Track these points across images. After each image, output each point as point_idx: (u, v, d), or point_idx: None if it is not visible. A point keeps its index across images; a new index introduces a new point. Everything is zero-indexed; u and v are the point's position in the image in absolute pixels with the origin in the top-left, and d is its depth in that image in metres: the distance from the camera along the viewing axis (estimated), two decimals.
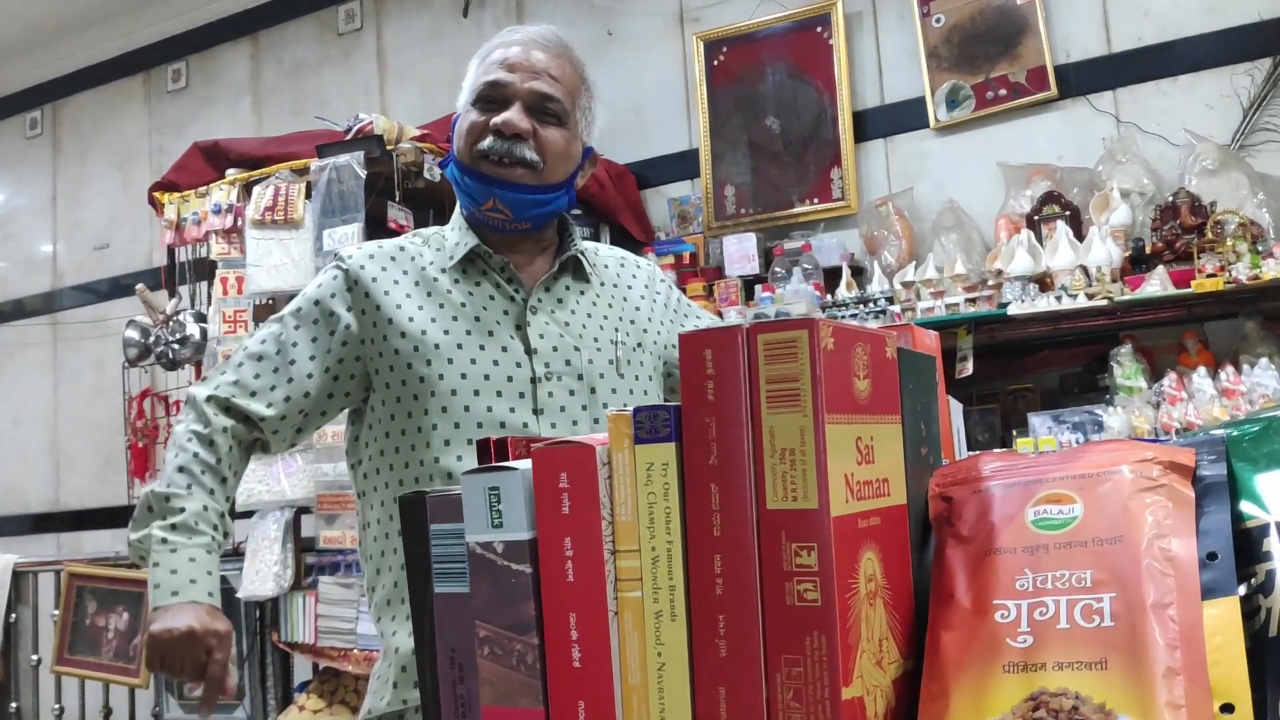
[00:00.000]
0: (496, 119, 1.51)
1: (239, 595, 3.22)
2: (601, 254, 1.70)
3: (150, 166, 5.21)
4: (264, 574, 3.18)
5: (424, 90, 4.55)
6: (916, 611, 0.75)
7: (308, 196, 3.19)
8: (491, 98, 1.53)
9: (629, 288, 1.68)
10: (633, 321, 1.63)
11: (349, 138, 3.18)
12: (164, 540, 1.44)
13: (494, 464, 0.73)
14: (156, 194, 3.68)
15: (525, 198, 1.53)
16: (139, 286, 3.95)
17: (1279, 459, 0.71)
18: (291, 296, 3.20)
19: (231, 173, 3.47)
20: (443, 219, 3.25)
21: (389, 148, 3.11)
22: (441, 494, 0.74)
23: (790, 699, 0.64)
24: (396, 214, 3.07)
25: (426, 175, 3.13)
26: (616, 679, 0.68)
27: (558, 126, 1.55)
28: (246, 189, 3.37)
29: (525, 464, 0.70)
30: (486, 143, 1.51)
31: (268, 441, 1.54)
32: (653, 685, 0.67)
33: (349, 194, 3.04)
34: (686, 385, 0.68)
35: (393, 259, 1.57)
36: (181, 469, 1.48)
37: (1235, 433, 0.75)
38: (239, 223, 3.33)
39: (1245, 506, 0.70)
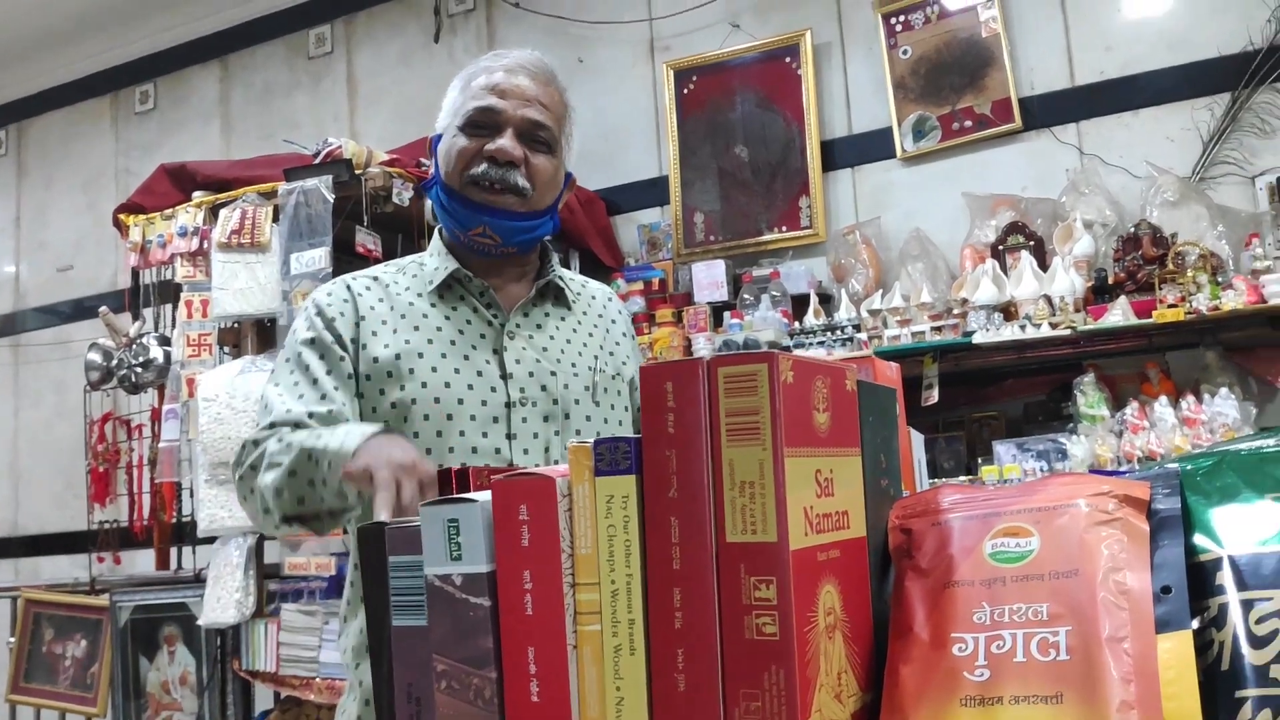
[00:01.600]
0: (490, 146, 1.50)
1: (199, 623, 3.18)
2: (590, 286, 1.71)
3: (116, 188, 5.17)
4: (225, 601, 3.13)
5: (394, 115, 4.55)
6: (876, 644, 0.75)
7: (275, 220, 3.17)
8: (482, 123, 1.52)
9: (613, 321, 1.69)
10: (612, 353, 1.64)
11: (317, 161, 3.17)
12: (318, 435, 1.33)
13: (453, 496, 0.72)
14: (122, 216, 3.65)
15: (515, 224, 1.54)
16: (102, 309, 3.91)
17: (1232, 493, 0.72)
18: (258, 320, 3.22)
19: (198, 195, 3.44)
20: (411, 244, 3.25)
21: (358, 172, 3.10)
22: (400, 526, 0.74)
23: None
24: (365, 238, 3.05)
25: (395, 200, 3.12)
26: (575, 713, 0.68)
27: (547, 154, 1.55)
28: (213, 212, 3.34)
29: (485, 496, 0.70)
30: (481, 169, 1.51)
31: None
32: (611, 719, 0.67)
33: (316, 218, 3.02)
34: (647, 418, 0.68)
35: (367, 288, 1.56)
36: (288, 446, 1.37)
37: (1189, 467, 0.76)
38: (205, 246, 3.30)
39: (1199, 540, 0.71)
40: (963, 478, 3.20)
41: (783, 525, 0.64)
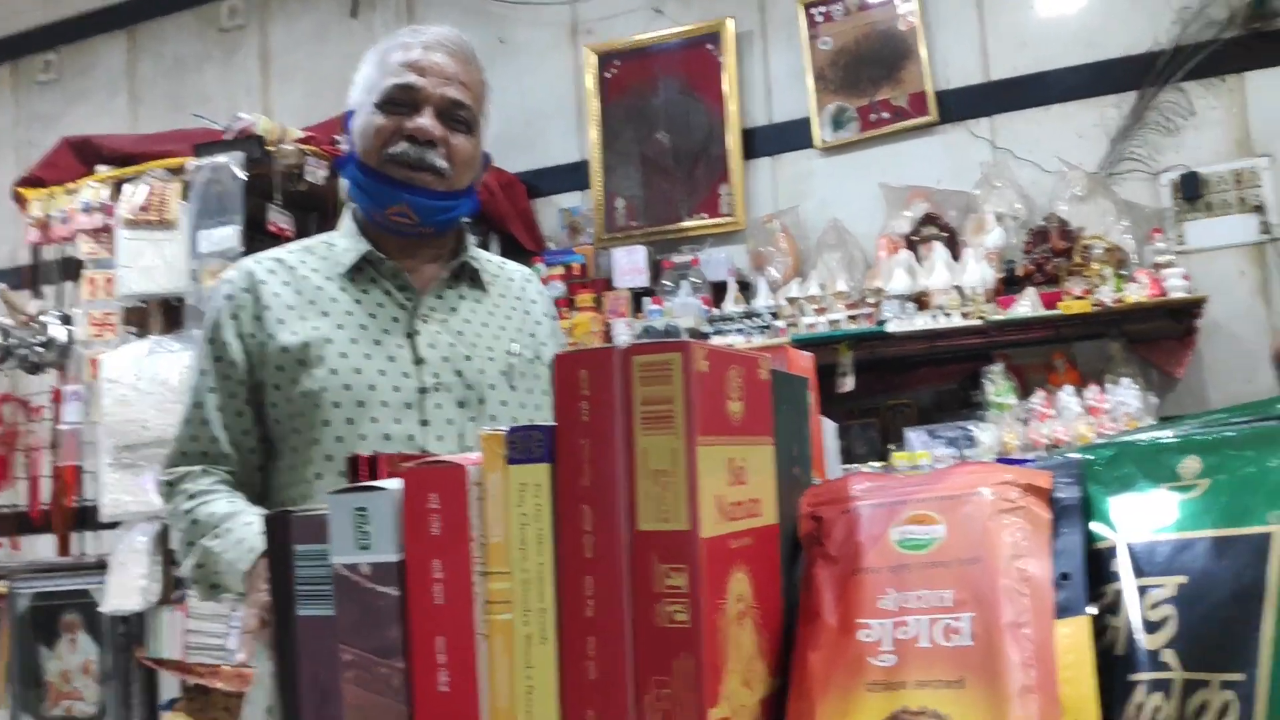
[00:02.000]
0: (409, 124, 1.47)
1: (102, 610, 3.09)
2: (508, 268, 1.69)
3: (16, 160, 4.97)
4: (129, 588, 3.05)
5: (309, 91, 4.45)
6: (786, 630, 0.76)
7: (183, 197, 3.08)
8: (401, 101, 1.49)
9: (533, 302, 1.67)
10: (532, 335, 1.62)
11: (228, 138, 3.09)
12: (215, 535, 1.40)
13: (362, 484, 0.71)
14: (21, 190, 3.51)
15: (434, 203, 1.51)
16: (0, 286, 3.77)
17: (1130, 483, 0.74)
18: (165, 300, 3.13)
19: (103, 170, 3.33)
20: (325, 223, 3.19)
21: (270, 149, 3.03)
22: (307, 513, 0.72)
23: None
24: (277, 217, 2.98)
25: (309, 178, 3.06)
26: (484, 703, 0.67)
27: (466, 134, 1.53)
28: (118, 187, 3.23)
29: (394, 484, 0.69)
30: (400, 148, 1.48)
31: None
32: (521, 709, 0.67)
33: (227, 195, 2.94)
34: (561, 406, 0.67)
35: (271, 272, 1.52)
36: (194, 522, 1.44)
37: (1090, 457, 0.78)
38: (109, 222, 3.19)
39: (1097, 528, 0.73)
40: (875, 463, 3.26)
41: (694, 514, 0.64)
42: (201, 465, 1.49)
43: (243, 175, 2.98)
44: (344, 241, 1.55)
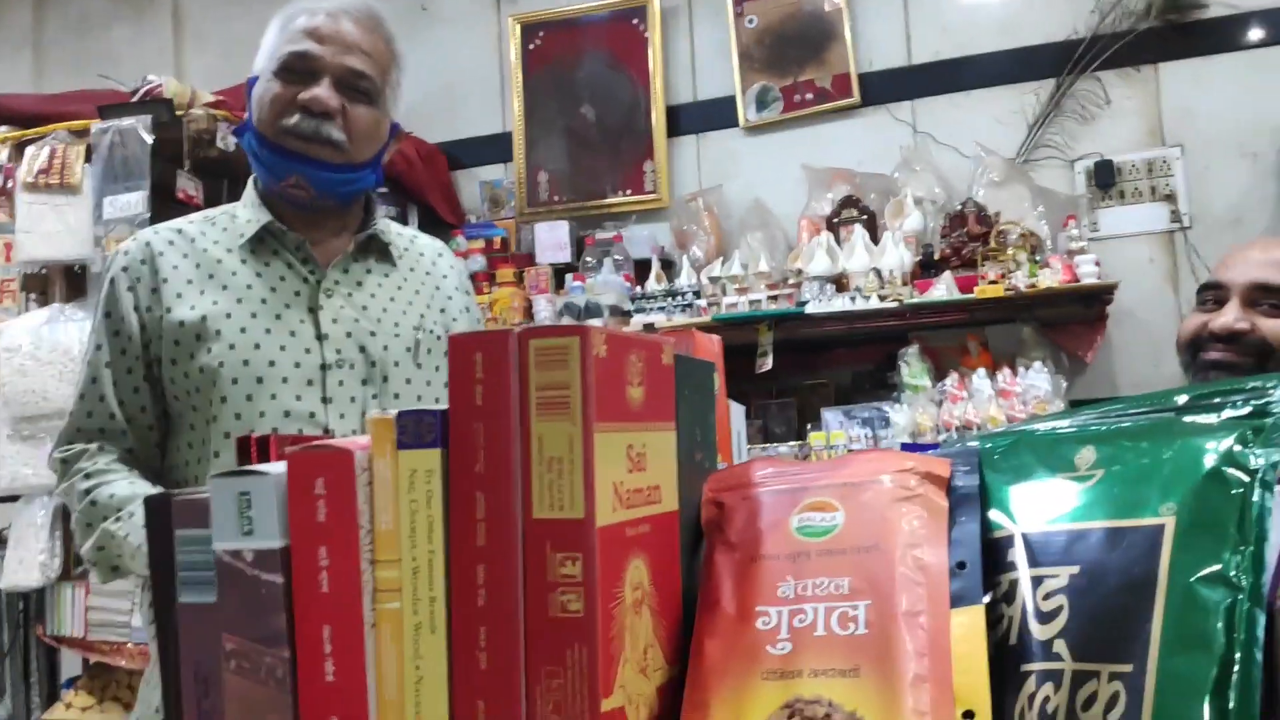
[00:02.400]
0: (304, 95, 1.43)
1: (0, 586, 2.99)
2: (419, 241, 1.65)
3: None
4: (28, 563, 2.95)
5: (223, 54, 4.31)
6: (685, 618, 0.75)
7: (88, 160, 2.97)
8: (297, 69, 1.44)
9: (444, 276, 1.63)
10: (442, 310, 1.59)
11: (136, 100, 2.98)
12: (117, 518, 1.37)
13: (246, 467, 0.68)
14: None
15: (331, 176, 1.46)
16: None
17: (1027, 472, 0.74)
18: (67, 267, 3.01)
19: (2, 130, 3.20)
20: (237, 191, 3.09)
21: (180, 113, 2.93)
22: (188, 497, 0.69)
23: (550, 711, 0.63)
24: (186, 184, 2.89)
25: (220, 144, 2.97)
26: (372, 693, 0.65)
27: (368, 105, 1.48)
28: (19, 149, 3.10)
29: (279, 468, 0.66)
30: (293, 120, 1.43)
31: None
32: (409, 699, 0.65)
33: (133, 160, 2.84)
34: (454, 389, 0.65)
35: (170, 243, 1.47)
36: (93, 503, 1.39)
37: (988, 445, 0.78)
38: (9, 185, 3.07)
39: (994, 516, 0.73)
40: (793, 443, 3.28)
41: (590, 502, 0.63)
42: (98, 442, 1.44)
43: (150, 139, 2.88)
44: (246, 212, 1.50)
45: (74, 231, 2.97)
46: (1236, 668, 0.58)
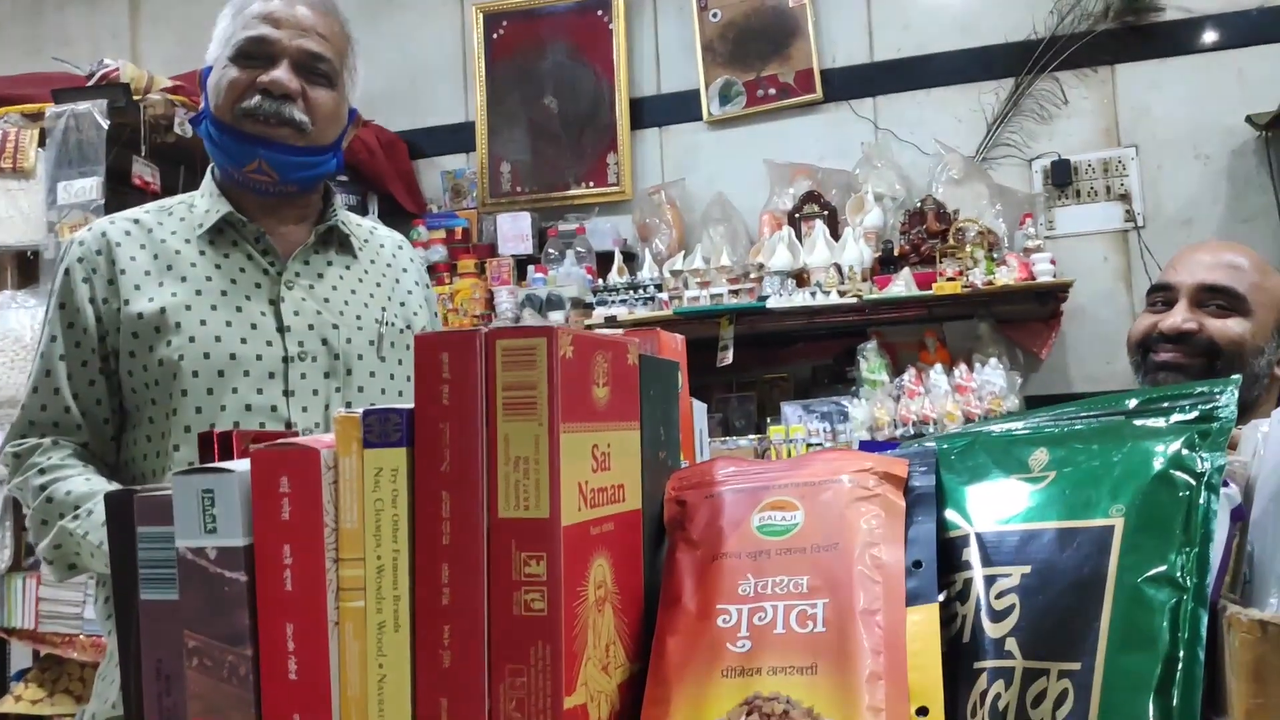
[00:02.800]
0: (264, 77, 1.42)
1: None
2: (379, 233, 1.64)
3: None
4: None
5: (181, 38, 4.26)
6: (647, 615, 0.76)
7: (41, 145, 2.93)
8: (255, 54, 1.43)
9: (404, 270, 1.62)
10: (403, 304, 1.58)
11: (91, 84, 2.94)
12: (75, 516, 1.34)
13: (209, 464, 0.68)
14: None
15: (293, 159, 1.45)
16: None
17: (982, 473, 0.76)
18: (19, 253, 2.97)
19: None
20: (195, 178, 3.06)
21: (136, 98, 2.89)
22: (150, 494, 0.69)
23: (512, 709, 0.64)
24: (142, 170, 2.85)
25: (178, 130, 2.93)
26: (335, 691, 0.66)
27: (327, 88, 1.47)
28: None
29: (243, 465, 0.66)
30: (253, 101, 1.42)
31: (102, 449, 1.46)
32: (373, 697, 0.65)
33: (88, 145, 2.80)
34: (420, 389, 0.66)
35: (127, 233, 1.46)
36: (49, 500, 1.37)
37: (945, 446, 0.80)
38: None
39: (950, 516, 0.75)
40: (752, 436, 3.30)
41: (555, 502, 0.64)
42: (51, 436, 1.42)
43: (105, 124, 2.84)
44: (204, 202, 1.49)
45: (27, 217, 2.92)
46: (1180, 666, 0.60)
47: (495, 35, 4.03)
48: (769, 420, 3.37)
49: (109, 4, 4.50)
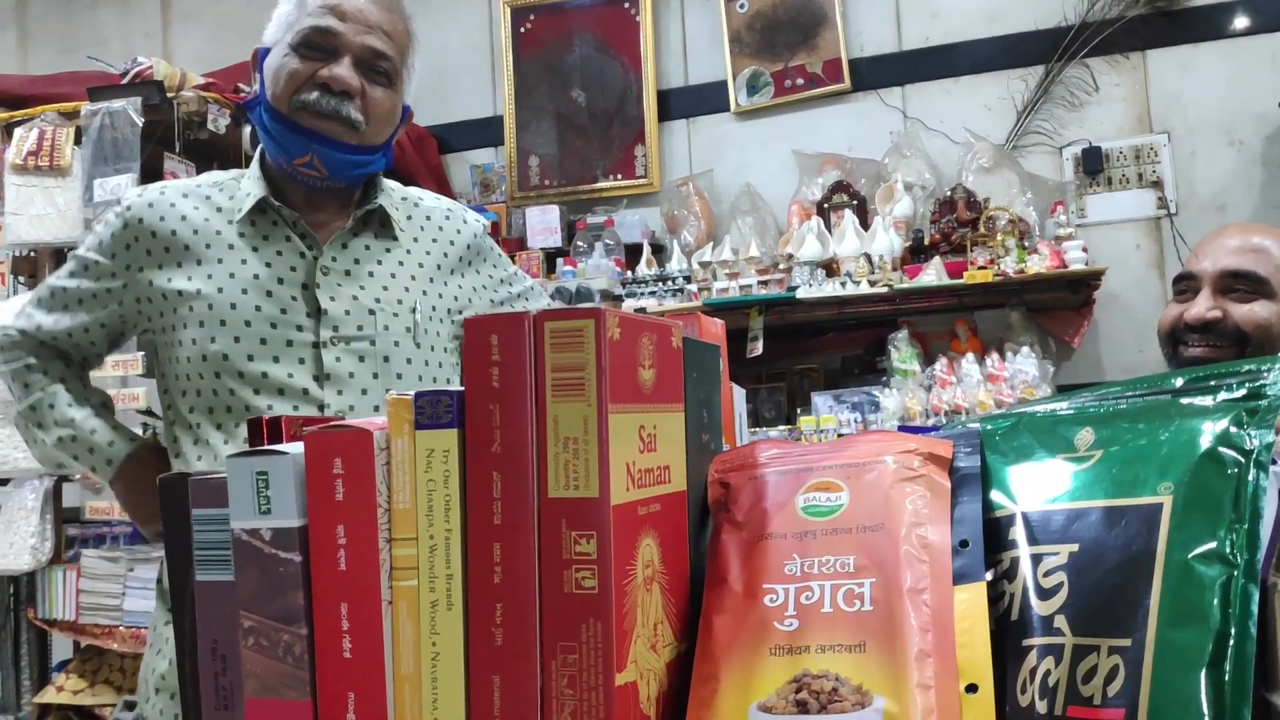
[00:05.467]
0: (325, 72, 1.41)
1: None
2: (425, 203, 1.61)
3: None
4: (19, 547, 2.95)
5: (211, 35, 4.29)
6: (692, 595, 0.77)
7: (77, 142, 2.96)
8: (319, 45, 1.42)
9: (452, 241, 1.59)
10: (448, 280, 1.56)
11: (125, 82, 2.97)
12: (74, 436, 1.52)
13: (262, 447, 0.69)
14: None
15: (345, 157, 1.45)
16: None
17: (1027, 453, 0.76)
18: (56, 250, 3.01)
19: None
20: None
21: (170, 95, 2.92)
22: (204, 477, 0.70)
23: (565, 686, 0.64)
24: (175, 166, 2.88)
25: (210, 126, 2.96)
26: (389, 669, 0.67)
27: (386, 87, 1.46)
28: (7, 130, 3.09)
29: (297, 448, 0.68)
30: (312, 96, 1.41)
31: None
32: (426, 675, 0.66)
33: (123, 142, 2.83)
34: (470, 371, 0.66)
35: (173, 205, 1.47)
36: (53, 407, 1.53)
37: (989, 427, 0.80)
38: None
39: (995, 496, 0.75)
40: (782, 427, 3.30)
41: (605, 481, 0.64)
42: (37, 356, 1.53)
43: (140, 121, 2.87)
44: (247, 184, 1.49)
45: (63, 214, 2.96)
46: (1232, 641, 0.60)
47: (522, 29, 4.04)
48: (799, 411, 3.36)
49: (141, 3, 4.54)
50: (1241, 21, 3.41)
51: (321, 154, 1.43)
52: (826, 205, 3.53)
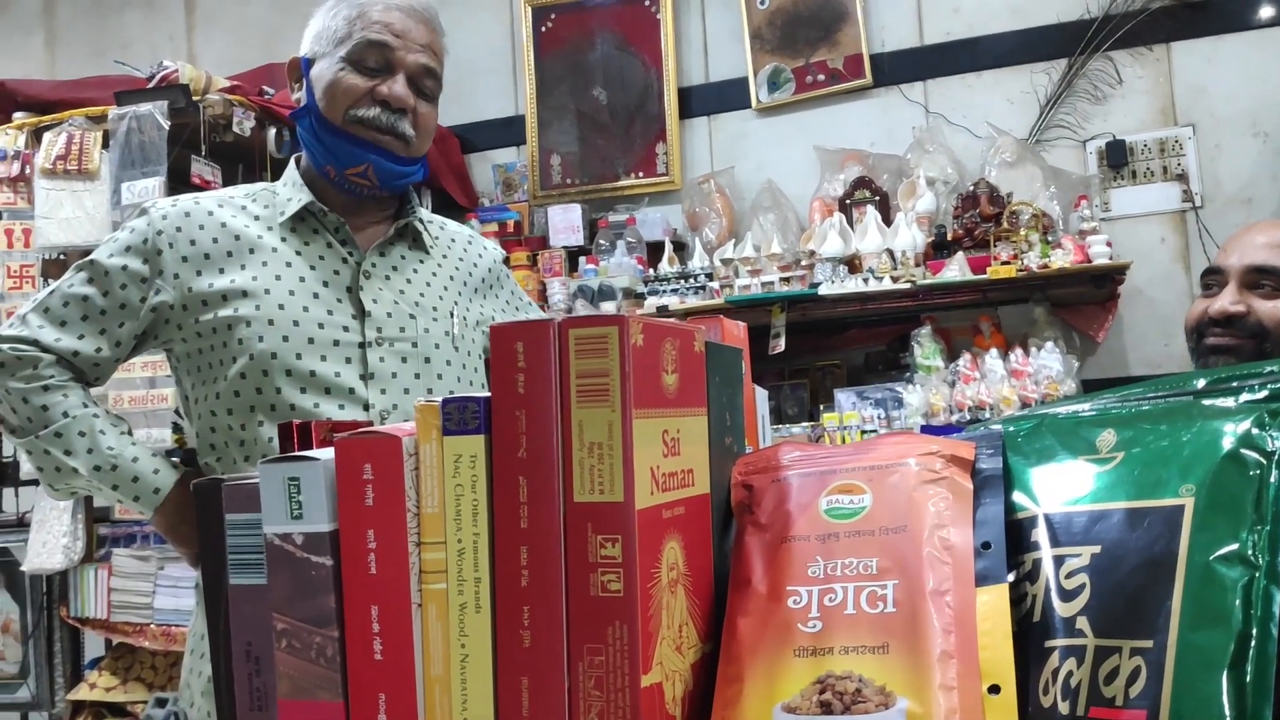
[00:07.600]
0: (384, 89, 1.47)
1: (23, 569, 3.03)
2: (449, 229, 1.69)
3: None
4: (51, 546, 2.99)
5: (235, 39, 4.33)
6: (716, 597, 0.78)
7: (105, 146, 3.00)
8: (372, 61, 1.48)
9: (474, 265, 1.66)
10: (471, 300, 1.62)
11: (152, 85, 3.00)
12: (111, 462, 1.45)
13: (294, 453, 0.71)
14: None
15: (397, 168, 1.51)
16: None
17: (1049, 455, 0.76)
18: (85, 252, 3.03)
19: (19, 116, 3.22)
20: (253, 175, 3.12)
21: (195, 98, 2.95)
22: (237, 482, 0.72)
23: (591, 687, 0.66)
24: (202, 169, 2.91)
25: (236, 129, 2.99)
26: (419, 671, 0.68)
27: (431, 102, 1.54)
28: (36, 135, 3.13)
29: (327, 453, 0.69)
30: (372, 112, 1.47)
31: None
32: (455, 677, 0.67)
33: (150, 145, 2.86)
34: (497, 378, 0.67)
35: (210, 214, 1.49)
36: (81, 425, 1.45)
37: (1011, 428, 0.80)
38: (27, 171, 3.09)
39: (1017, 498, 0.75)
40: (805, 424, 3.30)
41: (629, 485, 0.65)
42: (51, 374, 1.44)
43: (166, 124, 2.90)
44: (286, 191, 1.53)
45: (92, 217, 3.00)
46: (1253, 643, 0.61)
47: (544, 28, 4.05)
48: (822, 407, 3.36)
49: (166, 7, 4.58)
50: (1267, 12, 3.38)
51: (377, 164, 1.49)
52: (848, 201, 3.53)
